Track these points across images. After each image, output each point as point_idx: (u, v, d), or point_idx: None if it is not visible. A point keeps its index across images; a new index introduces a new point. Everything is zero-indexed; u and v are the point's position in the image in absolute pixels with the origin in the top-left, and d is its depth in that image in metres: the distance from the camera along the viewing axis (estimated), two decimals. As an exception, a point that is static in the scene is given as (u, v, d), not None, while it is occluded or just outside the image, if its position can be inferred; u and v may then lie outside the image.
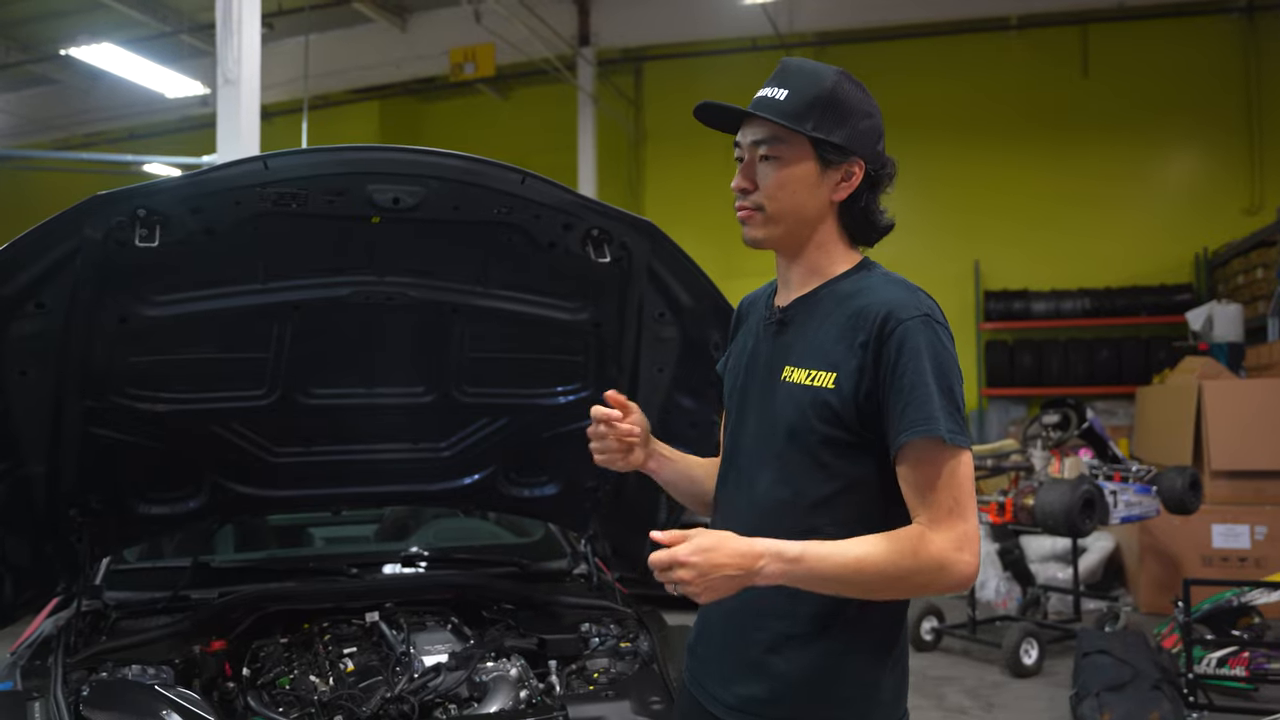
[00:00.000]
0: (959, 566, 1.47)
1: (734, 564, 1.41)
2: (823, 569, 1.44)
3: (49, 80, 13.47)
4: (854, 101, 1.59)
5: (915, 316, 1.51)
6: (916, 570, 1.45)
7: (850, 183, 1.60)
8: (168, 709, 2.23)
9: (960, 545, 1.47)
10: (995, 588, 6.94)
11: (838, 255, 1.65)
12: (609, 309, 2.63)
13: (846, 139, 1.57)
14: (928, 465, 1.48)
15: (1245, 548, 6.62)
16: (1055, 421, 6.16)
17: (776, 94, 1.58)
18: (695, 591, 1.40)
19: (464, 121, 14.06)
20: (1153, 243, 11.51)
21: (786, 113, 1.56)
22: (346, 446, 2.88)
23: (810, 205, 1.60)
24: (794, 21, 11.12)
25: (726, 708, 1.62)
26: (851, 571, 1.44)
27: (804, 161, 1.58)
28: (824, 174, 1.59)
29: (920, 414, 1.47)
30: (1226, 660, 4.79)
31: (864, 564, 1.45)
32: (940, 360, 1.50)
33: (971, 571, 1.48)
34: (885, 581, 1.46)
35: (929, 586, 1.48)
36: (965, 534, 1.48)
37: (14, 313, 2.15)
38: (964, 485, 1.49)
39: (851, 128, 1.58)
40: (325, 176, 2.17)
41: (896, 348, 1.49)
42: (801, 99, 1.57)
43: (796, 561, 1.44)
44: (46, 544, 2.62)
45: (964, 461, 1.50)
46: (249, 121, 6.33)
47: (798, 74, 1.60)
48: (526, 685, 2.58)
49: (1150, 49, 11.48)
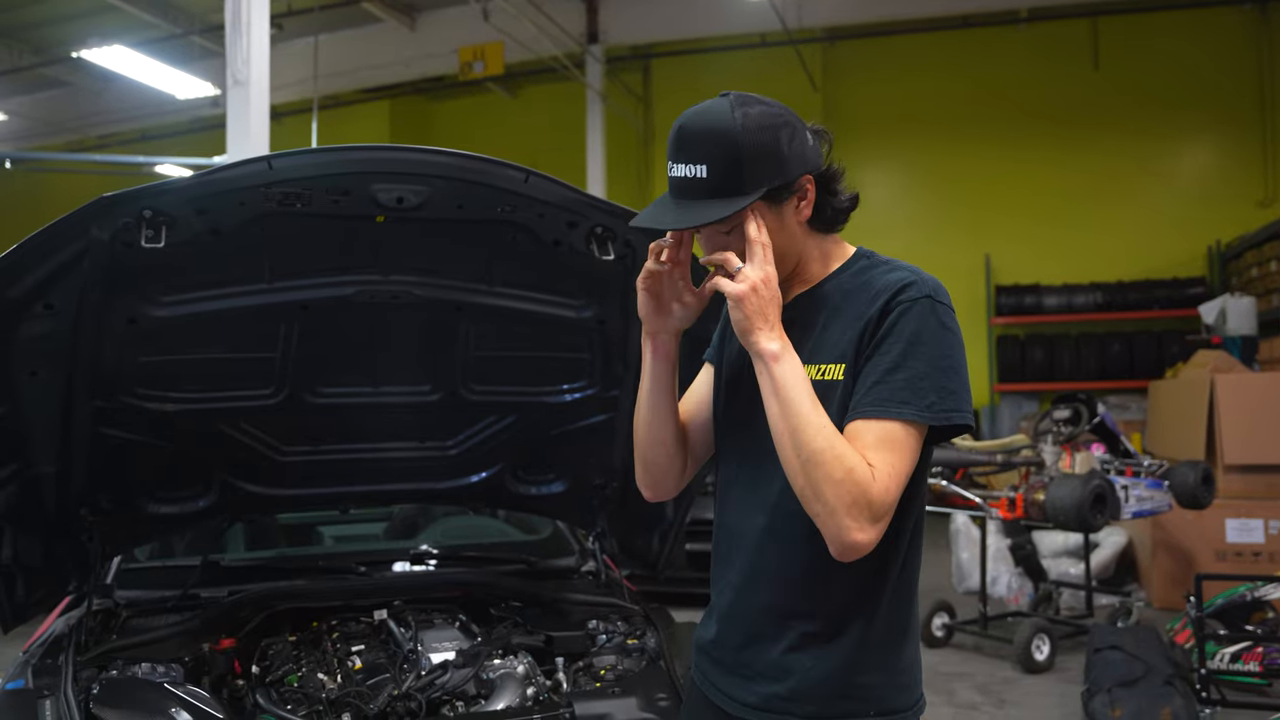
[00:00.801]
0: (860, 531, 1.41)
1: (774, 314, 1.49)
2: (804, 399, 1.45)
3: (61, 83, 13.56)
4: (768, 130, 1.50)
5: (917, 297, 1.50)
6: (841, 484, 1.39)
7: (808, 199, 1.57)
8: (177, 707, 2.24)
9: (877, 516, 1.42)
10: (1007, 583, 6.91)
11: (827, 253, 1.65)
12: (613, 306, 2.63)
13: (785, 172, 1.52)
14: (887, 433, 1.46)
15: (1259, 542, 6.58)
16: (1066, 416, 6.13)
17: (695, 172, 1.49)
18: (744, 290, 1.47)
19: (473, 120, 14.10)
20: (1165, 236, 11.46)
21: (719, 189, 1.49)
22: (354, 445, 2.89)
23: (787, 243, 1.58)
24: (802, 17, 11.11)
25: (747, 707, 1.62)
26: (807, 422, 1.43)
27: (762, 215, 1.53)
28: (782, 210, 1.55)
29: (895, 396, 1.46)
30: (1240, 655, 4.77)
31: (825, 430, 1.43)
32: (941, 340, 1.49)
33: (862, 544, 1.42)
34: (817, 461, 1.41)
35: (826, 511, 1.41)
36: (884, 507, 1.43)
37: (23, 314, 2.16)
38: (905, 470, 1.46)
39: (780, 157, 1.51)
40: (329, 176, 2.17)
41: (890, 325, 1.49)
42: (723, 165, 1.48)
43: (799, 374, 1.47)
44: (58, 543, 2.64)
45: (916, 444, 1.47)
46: (259, 122, 6.36)
47: (705, 139, 1.49)
48: (534, 682, 2.59)
49: (1161, 42, 11.42)
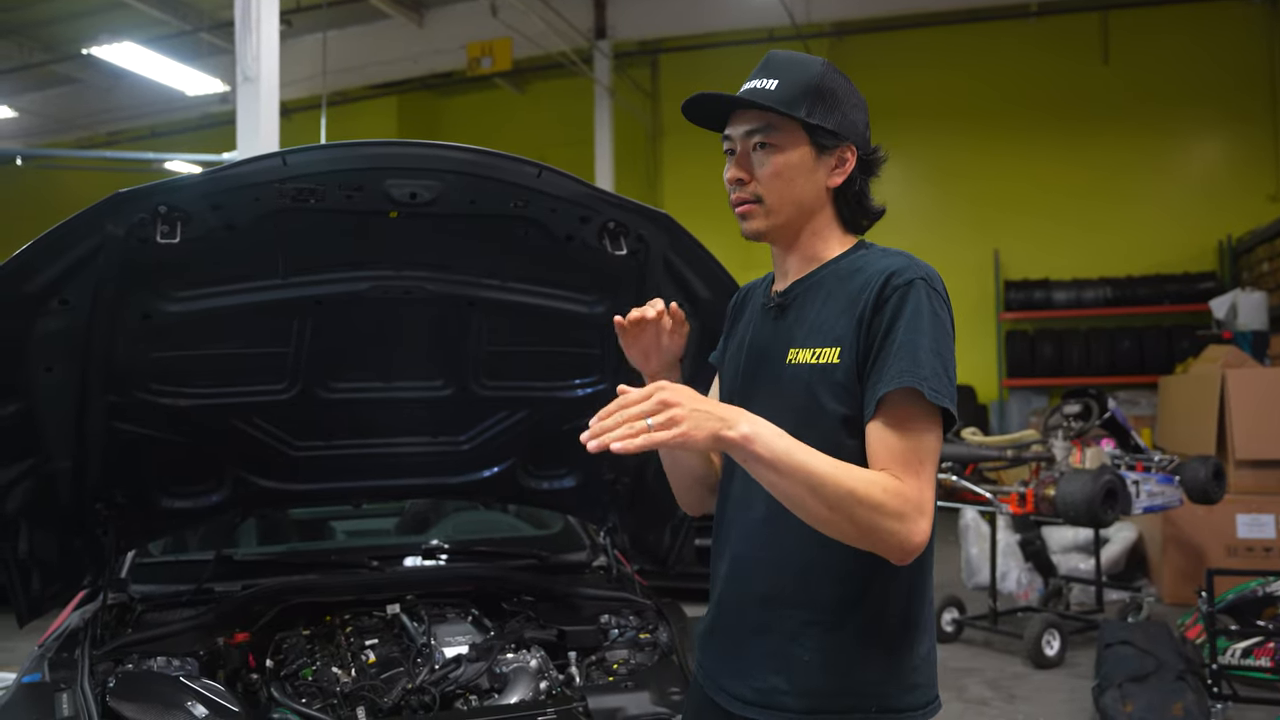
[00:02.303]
0: (915, 528, 1.41)
1: (716, 408, 1.38)
2: (803, 453, 1.39)
3: (71, 80, 13.61)
4: (842, 90, 1.61)
5: (914, 279, 1.50)
6: (881, 505, 1.39)
7: (844, 168, 1.61)
8: (193, 700, 2.26)
9: (922, 509, 1.42)
10: (1016, 579, 6.90)
11: (834, 240, 1.65)
12: (626, 302, 2.61)
13: (839, 125, 1.59)
14: (905, 421, 1.45)
15: (1270, 537, 6.56)
16: (1076, 411, 6.11)
17: (766, 84, 1.59)
18: (682, 416, 1.33)
19: (481, 116, 14.10)
20: (1176, 231, 11.41)
21: (780, 100, 1.57)
22: (366, 440, 2.90)
23: (808, 192, 1.61)
24: (810, 12, 11.08)
25: (745, 702, 1.59)
26: (824, 472, 1.38)
27: (799, 148, 1.58)
28: (819, 160, 1.60)
29: (905, 367, 1.44)
30: (1251, 651, 4.76)
31: (839, 470, 1.39)
32: (936, 324, 1.48)
33: (922, 540, 1.42)
34: (849, 501, 1.38)
35: (878, 532, 1.40)
36: (929, 500, 1.44)
37: (39, 310, 2.18)
38: (932, 452, 1.46)
39: (842, 114, 1.60)
40: (342, 172, 2.18)
41: (894, 307, 1.48)
42: (792, 87, 1.58)
43: (782, 435, 1.39)
44: (73, 538, 2.65)
45: (937, 431, 1.47)
46: (268, 118, 6.38)
47: (786, 64, 1.61)
48: (546, 676, 2.60)
49: (1171, 36, 11.37)
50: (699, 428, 1.34)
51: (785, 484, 1.39)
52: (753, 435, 1.37)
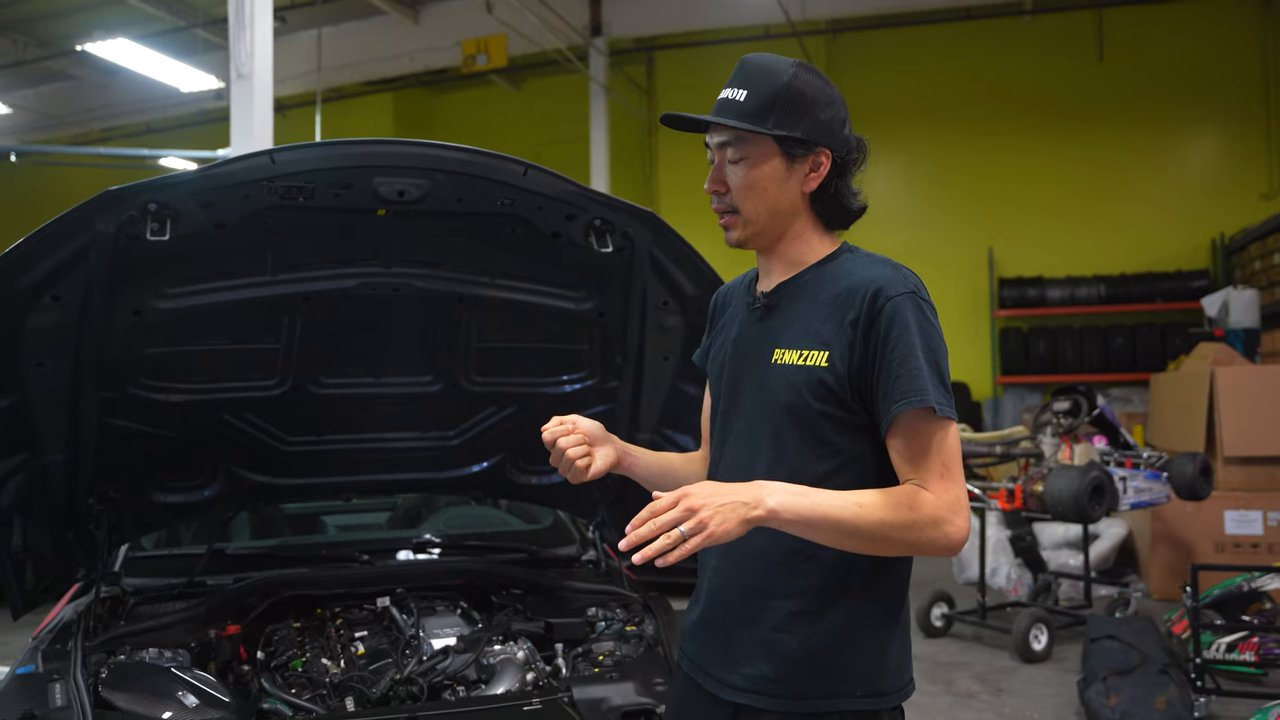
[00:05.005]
0: (952, 528, 1.50)
1: (738, 494, 1.44)
2: (827, 505, 1.47)
3: (66, 76, 13.59)
4: (813, 92, 1.61)
5: (903, 293, 1.55)
6: (914, 522, 1.48)
7: (819, 173, 1.63)
8: (184, 690, 2.29)
9: (954, 508, 1.51)
10: (1006, 574, 6.95)
11: (816, 243, 1.68)
12: (613, 298, 2.66)
13: (809, 131, 1.60)
14: (919, 434, 1.53)
15: (1258, 534, 6.60)
16: (1066, 408, 6.15)
17: (737, 95, 1.61)
18: (709, 517, 1.40)
19: (477, 113, 14.09)
20: (1169, 229, 11.44)
21: (747, 114, 1.59)
22: (357, 435, 2.93)
23: (782, 200, 1.64)
24: (806, 9, 11.09)
25: (733, 689, 1.63)
26: (851, 515, 1.47)
27: (770, 159, 1.61)
28: (791, 168, 1.62)
29: (911, 386, 1.51)
30: (1236, 645, 4.80)
31: (865, 508, 1.48)
32: (928, 336, 1.54)
33: (963, 535, 1.51)
34: (884, 530, 1.48)
35: (921, 544, 1.50)
36: (958, 498, 1.52)
37: (31, 306, 2.20)
38: (953, 453, 1.54)
39: (813, 119, 1.61)
40: (331, 170, 2.21)
41: (886, 323, 1.53)
42: (761, 98, 1.59)
43: (803, 494, 1.47)
44: (66, 532, 2.68)
45: (952, 432, 1.55)
46: (262, 115, 6.38)
47: (756, 72, 1.62)
48: (533, 668, 2.64)
49: (1166, 34, 11.39)
50: (727, 520, 1.42)
51: (822, 536, 1.50)
52: (778, 508, 1.45)
